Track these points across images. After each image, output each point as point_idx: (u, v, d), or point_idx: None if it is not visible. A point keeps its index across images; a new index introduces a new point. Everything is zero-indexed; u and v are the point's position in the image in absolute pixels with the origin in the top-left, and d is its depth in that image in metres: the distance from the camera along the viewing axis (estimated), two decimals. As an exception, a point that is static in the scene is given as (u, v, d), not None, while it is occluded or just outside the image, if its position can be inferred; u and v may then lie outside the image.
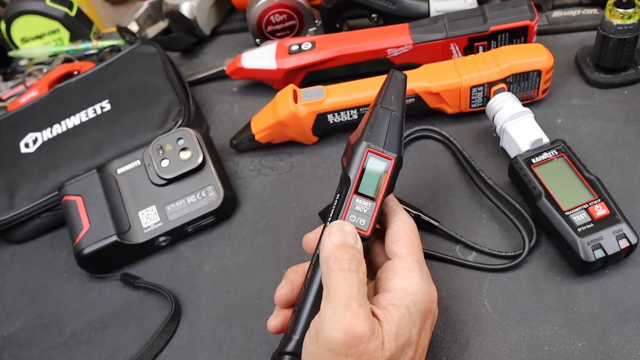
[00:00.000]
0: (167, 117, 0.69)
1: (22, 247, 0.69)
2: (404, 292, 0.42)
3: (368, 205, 0.44)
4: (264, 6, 0.76)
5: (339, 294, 0.39)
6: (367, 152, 0.45)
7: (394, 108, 0.46)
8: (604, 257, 0.50)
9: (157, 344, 0.56)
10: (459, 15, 0.68)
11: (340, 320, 0.38)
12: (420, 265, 0.44)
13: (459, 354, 0.50)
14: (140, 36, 0.86)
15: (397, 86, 0.47)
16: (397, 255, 0.44)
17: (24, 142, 0.72)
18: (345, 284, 0.40)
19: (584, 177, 0.54)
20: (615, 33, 0.61)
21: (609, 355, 0.48)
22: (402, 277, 0.43)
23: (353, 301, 0.39)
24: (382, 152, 0.45)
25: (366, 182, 0.44)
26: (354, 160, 0.45)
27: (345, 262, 0.41)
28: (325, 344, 0.38)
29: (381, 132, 0.45)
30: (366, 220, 0.44)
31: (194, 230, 0.63)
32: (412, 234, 0.46)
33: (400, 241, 0.45)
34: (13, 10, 0.90)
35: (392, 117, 0.46)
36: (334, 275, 0.40)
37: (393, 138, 0.45)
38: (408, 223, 0.46)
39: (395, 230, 0.46)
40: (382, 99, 0.46)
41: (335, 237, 0.42)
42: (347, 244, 0.42)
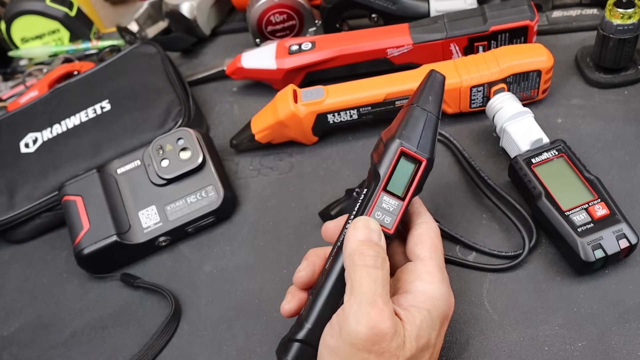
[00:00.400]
0: (167, 117, 0.69)
1: (22, 247, 0.69)
2: (426, 296, 0.42)
3: (395, 204, 0.44)
4: (264, 6, 0.76)
5: (364, 289, 0.39)
6: (400, 150, 0.44)
7: (431, 109, 0.45)
8: (604, 257, 0.50)
9: (157, 344, 0.56)
10: (459, 15, 0.68)
11: (365, 316, 0.38)
12: (442, 270, 0.44)
13: (459, 354, 0.50)
14: (140, 36, 0.86)
15: (435, 87, 0.46)
16: (419, 258, 0.44)
17: (24, 142, 0.72)
18: (370, 280, 0.40)
19: (584, 177, 0.54)
20: (615, 33, 0.61)
21: (609, 355, 0.48)
22: (425, 280, 0.43)
23: (378, 298, 0.39)
24: (415, 152, 0.44)
25: (395, 181, 0.44)
26: (386, 157, 0.44)
27: (370, 258, 0.40)
28: (348, 338, 0.39)
29: (415, 132, 0.44)
30: (391, 219, 0.44)
31: (194, 230, 0.63)
32: (437, 238, 0.46)
33: (424, 244, 0.45)
34: (13, 10, 0.90)
35: (427, 118, 0.45)
36: (359, 270, 0.40)
37: (427, 139, 0.44)
38: (433, 227, 0.46)
39: (419, 232, 0.46)
40: (419, 98, 0.46)
41: (360, 232, 0.42)
42: (372, 240, 0.42)
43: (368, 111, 0.65)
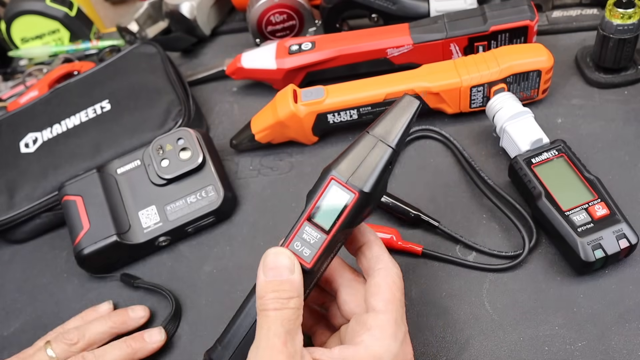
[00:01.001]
0: (167, 117, 0.69)
1: (22, 247, 0.69)
2: (368, 352, 0.40)
3: (317, 236, 0.40)
4: (264, 6, 0.76)
5: (262, 332, 0.38)
6: (331, 180, 0.41)
7: (385, 138, 0.41)
8: (604, 257, 0.50)
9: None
10: (459, 15, 0.68)
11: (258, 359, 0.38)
12: (397, 324, 0.41)
13: (459, 354, 0.50)
14: (140, 36, 0.86)
15: (400, 113, 0.42)
16: (373, 310, 0.41)
17: (24, 142, 0.72)
18: (269, 324, 0.38)
19: (584, 177, 0.54)
20: (615, 33, 0.61)
21: (609, 355, 0.48)
22: (373, 335, 0.40)
23: (276, 340, 0.38)
24: (346, 183, 0.40)
25: (323, 212, 0.41)
26: (317, 186, 0.41)
27: (270, 302, 0.39)
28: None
29: (355, 162, 0.41)
30: (310, 252, 0.41)
31: (194, 230, 0.63)
32: (395, 286, 0.42)
33: (379, 295, 0.41)
34: (13, 10, 0.90)
35: (376, 148, 0.41)
36: (259, 316, 0.39)
37: (367, 170, 0.40)
38: (392, 273, 0.42)
39: (376, 281, 0.42)
40: (375, 125, 0.42)
41: (268, 273, 0.40)
42: (279, 278, 0.39)
43: (368, 111, 0.65)
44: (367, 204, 0.41)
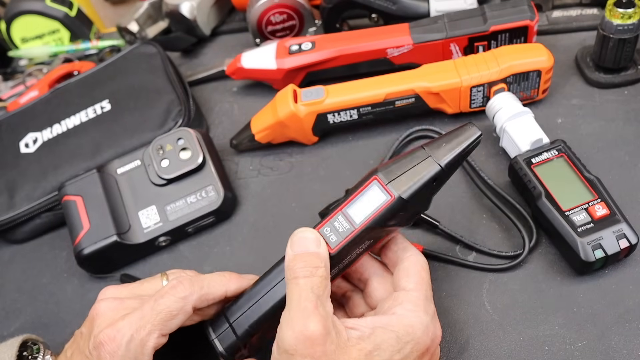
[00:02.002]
0: (167, 117, 0.69)
1: (22, 247, 0.69)
2: (399, 321, 0.42)
3: (346, 226, 0.43)
4: (264, 6, 0.76)
5: (294, 299, 0.40)
6: (373, 179, 0.43)
7: (436, 156, 0.43)
8: (604, 257, 0.50)
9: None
10: (459, 15, 0.68)
11: (293, 322, 0.39)
12: (427, 301, 0.44)
13: (459, 354, 0.50)
14: (140, 36, 0.86)
15: (457, 138, 0.43)
16: (404, 289, 0.44)
17: (24, 142, 0.72)
18: (300, 289, 0.40)
19: (584, 177, 0.54)
20: (615, 33, 0.61)
21: (609, 355, 0.48)
22: (405, 308, 0.43)
23: (307, 303, 0.40)
24: (386, 185, 0.42)
25: (357, 206, 0.43)
26: (360, 182, 0.44)
27: (300, 270, 0.41)
28: (282, 346, 0.40)
29: (402, 169, 0.43)
30: (337, 239, 0.43)
31: (194, 230, 0.63)
32: (424, 271, 0.45)
33: (409, 277, 0.44)
34: (13, 10, 0.90)
35: (425, 162, 0.43)
36: (290, 284, 0.41)
37: (409, 179, 0.42)
38: (420, 260, 0.46)
39: (405, 265, 0.45)
40: (432, 142, 0.44)
41: (295, 246, 0.43)
42: (307, 250, 0.42)
43: (368, 111, 0.65)
44: (400, 210, 0.43)
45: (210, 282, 0.46)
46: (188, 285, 0.45)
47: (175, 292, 0.44)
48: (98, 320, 0.45)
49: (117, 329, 0.43)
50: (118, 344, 0.43)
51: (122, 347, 0.43)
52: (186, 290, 0.44)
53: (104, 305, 0.46)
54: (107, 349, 0.43)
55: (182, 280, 0.45)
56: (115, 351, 0.43)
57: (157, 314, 0.43)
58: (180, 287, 0.45)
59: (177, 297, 0.44)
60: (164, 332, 0.44)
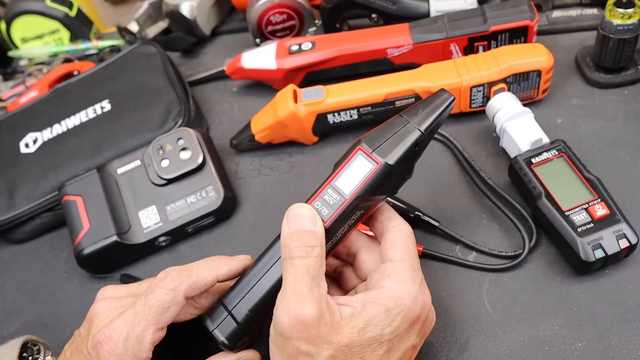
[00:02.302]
0: (167, 117, 0.69)
1: (22, 247, 0.69)
2: (388, 294, 0.42)
3: (337, 198, 0.43)
4: (264, 6, 0.76)
5: (289, 280, 0.40)
6: (358, 149, 0.44)
7: (415, 121, 0.44)
8: (604, 257, 0.50)
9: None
10: (459, 15, 0.68)
11: (287, 306, 0.39)
12: (414, 270, 0.44)
13: (459, 354, 0.50)
14: (140, 36, 0.86)
15: (433, 103, 0.45)
16: (391, 260, 0.44)
17: (24, 142, 0.72)
18: (295, 271, 0.41)
19: (584, 177, 0.54)
20: (615, 33, 0.61)
21: (609, 355, 0.48)
22: (392, 279, 0.43)
23: (302, 286, 0.40)
24: (371, 153, 0.43)
25: (345, 178, 0.44)
26: (345, 154, 0.45)
27: (295, 249, 0.41)
28: (278, 329, 0.40)
29: (383, 136, 0.44)
30: (328, 212, 0.43)
31: (194, 230, 0.63)
32: (409, 240, 0.45)
33: (395, 247, 0.45)
34: (13, 10, 0.90)
35: (405, 127, 0.44)
36: (286, 264, 0.41)
37: (392, 145, 0.43)
38: (405, 229, 0.46)
39: (391, 236, 0.45)
40: (408, 110, 0.45)
41: (291, 223, 0.42)
42: (303, 229, 0.42)
43: (368, 111, 0.65)
44: (387, 176, 0.44)
45: (199, 269, 0.46)
46: (176, 275, 0.45)
47: (164, 284, 0.44)
48: (96, 320, 0.46)
49: (113, 327, 0.44)
50: (115, 343, 0.43)
51: (120, 345, 0.43)
52: (175, 281, 0.44)
53: (101, 305, 0.46)
54: (105, 348, 0.43)
55: (169, 272, 0.45)
56: (114, 350, 0.43)
57: (150, 308, 0.44)
58: (168, 279, 0.45)
59: (167, 289, 0.44)
60: (159, 326, 0.44)
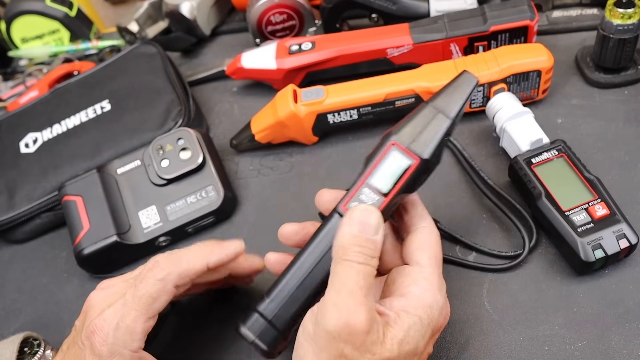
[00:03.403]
0: (167, 117, 0.69)
1: (22, 247, 0.69)
2: (420, 302, 0.41)
3: (375, 198, 0.42)
4: (264, 6, 0.76)
5: (345, 281, 0.39)
6: (391, 145, 0.42)
7: (444, 109, 0.43)
8: (604, 257, 0.50)
9: (151, 348, 0.56)
10: (459, 15, 0.68)
11: (341, 306, 0.38)
12: (440, 279, 0.44)
13: (459, 354, 0.50)
14: (140, 36, 0.86)
15: (459, 88, 0.44)
16: (418, 264, 0.43)
17: (24, 142, 0.72)
18: (353, 272, 0.39)
19: (584, 177, 0.54)
20: (615, 33, 0.61)
21: (609, 355, 0.48)
22: (421, 286, 0.42)
23: (358, 290, 0.39)
24: (407, 148, 0.42)
25: (381, 175, 0.42)
26: (377, 151, 0.43)
27: (355, 254, 0.40)
28: (325, 326, 0.38)
29: (416, 129, 0.42)
30: None
31: (194, 230, 0.63)
32: (438, 246, 0.45)
33: (424, 250, 0.44)
34: (13, 10, 0.90)
35: (435, 118, 0.42)
36: (342, 265, 0.40)
37: (427, 138, 0.42)
38: (435, 233, 0.45)
39: (421, 238, 0.44)
40: (435, 97, 0.44)
41: (355, 227, 0.41)
42: (365, 235, 0.40)
43: (368, 111, 0.65)
44: (425, 171, 0.42)
45: (189, 257, 0.45)
46: (165, 265, 0.44)
47: (153, 273, 0.44)
48: (90, 311, 0.46)
49: (103, 318, 0.44)
50: (106, 333, 0.43)
51: (110, 335, 0.43)
52: (163, 271, 0.44)
53: (94, 296, 0.47)
54: (97, 339, 0.43)
55: (158, 260, 0.45)
56: (105, 340, 0.43)
57: (139, 299, 0.44)
58: (157, 268, 0.44)
59: (155, 279, 0.44)
60: (149, 315, 0.44)
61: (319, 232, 0.44)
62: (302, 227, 0.48)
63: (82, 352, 0.44)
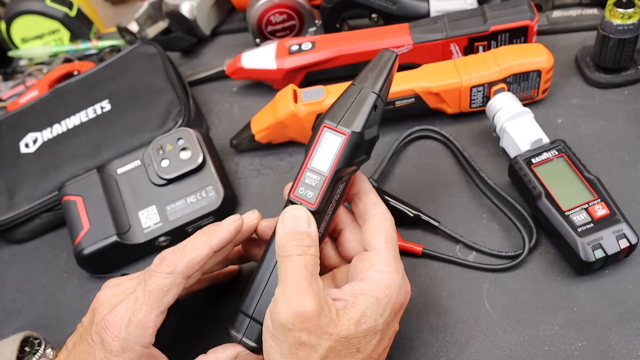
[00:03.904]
0: (167, 117, 0.69)
1: (22, 247, 0.69)
2: (376, 284, 0.43)
3: (317, 178, 0.44)
4: (264, 6, 0.76)
5: (289, 276, 0.41)
6: (323, 127, 0.45)
7: (368, 85, 0.45)
8: (604, 257, 0.50)
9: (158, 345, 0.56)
10: (459, 15, 0.68)
11: (288, 299, 0.40)
12: (397, 259, 0.45)
13: (459, 354, 0.50)
14: (140, 36, 0.86)
15: (380, 64, 0.46)
16: (375, 249, 0.45)
17: (24, 142, 0.72)
18: (293, 266, 0.41)
19: (584, 177, 0.54)
20: (615, 33, 0.61)
21: (609, 355, 0.48)
22: (378, 269, 0.44)
23: (302, 280, 0.41)
24: (336, 127, 0.44)
25: (319, 157, 0.45)
26: (313, 136, 0.45)
27: (292, 248, 0.42)
28: (278, 321, 0.40)
29: (343, 108, 0.45)
30: (313, 194, 0.44)
31: (194, 230, 0.63)
32: (392, 228, 0.47)
33: (379, 235, 0.46)
34: (13, 10, 0.90)
35: (360, 94, 0.45)
36: (282, 262, 0.42)
37: (354, 114, 0.45)
38: (387, 217, 0.47)
39: (374, 223, 0.47)
40: (358, 77, 0.46)
41: (287, 224, 0.43)
42: (298, 230, 0.43)
43: (368, 111, 0.65)
44: (358, 143, 0.45)
45: (192, 247, 0.46)
46: (171, 258, 0.45)
47: (161, 269, 0.45)
48: (99, 308, 0.47)
49: (115, 314, 0.44)
50: (118, 328, 0.44)
51: (122, 330, 0.44)
52: (171, 265, 0.45)
53: (103, 294, 0.48)
54: (109, 334, 0.44)
55: (164, 256, 0.45)
56: (117, 335, 0.44)
57: (150, 294, 0.44)
58: (164, 264, 0.45)
59: (164, 273, 0.45)
60: (160, 309, 0.45)
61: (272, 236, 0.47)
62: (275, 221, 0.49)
63: (92, 348, 0.44)
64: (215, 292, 0.59)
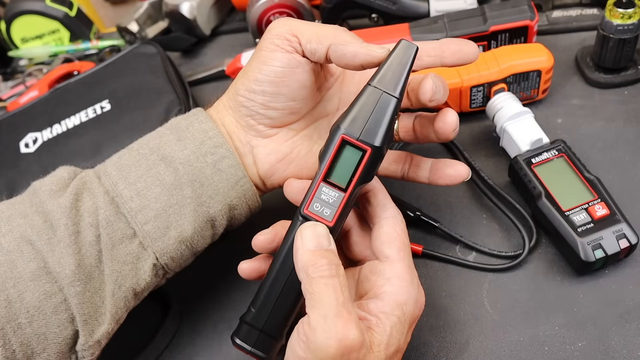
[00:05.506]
0: (167, 117, 0.69)
1: (22, 247, 0.69)
2: (395, 302, 0.41)
3: (335, 195, 0.41)
4: (264, 6, 0.76)
5: (326, 301, 0.38)
6: (342, 139, 0.41)
7: (388, 88, 0.41)
8: (604, 257, 0.50)
9: (158, 345, 0.56)
10: (459, 15, 0.68)
11: (333, 330, 0.37)
12: (411, 271, 0.43)
13: (459, 354, 0.50)
14: (140, 36, 0.86)
15: (399, 61, 0.41)
16: (388, 260, 0.43)
17: (24, 142, 0.72)
18: (330, 290, 0.38)
19: (584, 177, 0.54)
20: (615, 33, 0.61)
21: (609, 355, 0.48)
22: (394, 284, 0.42)
23: (342, 308, 0.38)
24: (358, 140, 0.40)
25: (338, 171, 0.41)
26: (328, 147, 0.41)
27: (324, 268, 0.39)
28: (319, 353, 0.38)
29: (363, 116, 0.41)
30: (331, 211, 0.41)
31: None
32: (404, 234, 0.44)
33: (391, 243, 0.43)
34: (13, 10, 0.90)
35: (381, 99, 0.41)
36: (315, 283, 0.39)
37: (375, 125, 0.40)
38: (399, 221, 0.45)
39: (386, 230, 0.44)
40: (375, 75, 0.41)
41: (309, 242, 0.40)
42: (322, 247, 0.40)
43: (368, 111, 0.64)
44: (379, 157, 0.42)
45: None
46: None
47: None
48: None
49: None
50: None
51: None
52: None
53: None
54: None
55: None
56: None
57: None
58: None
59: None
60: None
61: (288, 235, 0.43)
62: (274, 233, 0.47)
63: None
64: (216, 292, 0.59)
